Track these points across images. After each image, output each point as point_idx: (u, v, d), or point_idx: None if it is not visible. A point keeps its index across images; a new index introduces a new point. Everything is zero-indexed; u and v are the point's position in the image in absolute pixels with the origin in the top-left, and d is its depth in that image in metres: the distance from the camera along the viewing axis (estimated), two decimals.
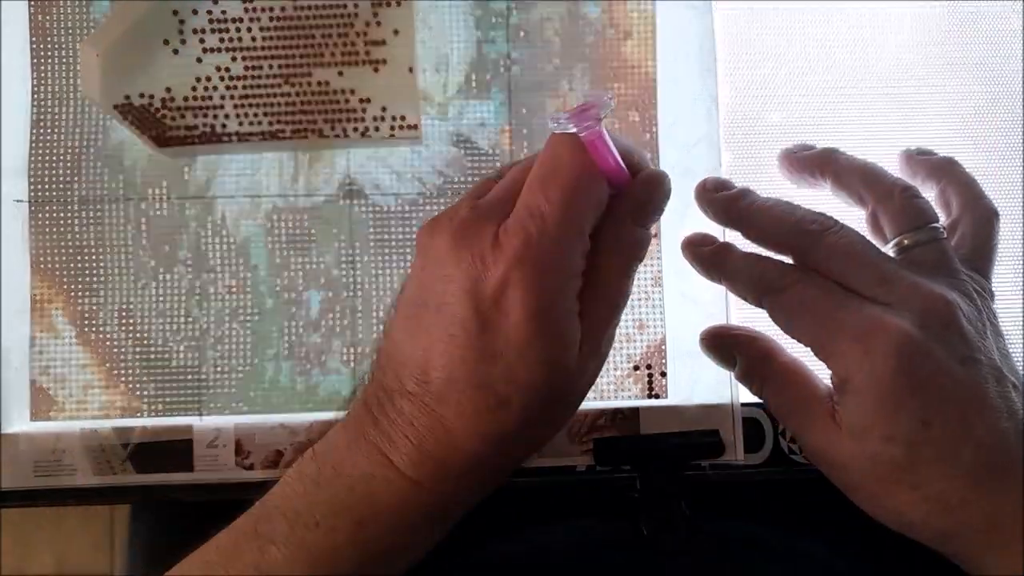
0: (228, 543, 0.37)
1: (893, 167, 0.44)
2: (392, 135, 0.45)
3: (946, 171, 0.44)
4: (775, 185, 0.46)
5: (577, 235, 0.35)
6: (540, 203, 0.34)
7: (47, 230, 0.45)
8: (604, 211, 0.36)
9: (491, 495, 0.47)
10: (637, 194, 0.37)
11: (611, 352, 0.45)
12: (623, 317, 0.45)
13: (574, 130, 0.35)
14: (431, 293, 0.35)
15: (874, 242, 0.40)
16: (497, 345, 0.34)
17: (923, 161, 0.45)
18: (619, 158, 0.36)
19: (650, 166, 0.38)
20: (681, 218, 0.46)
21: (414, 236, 0.46)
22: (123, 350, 0.45)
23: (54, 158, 0.46)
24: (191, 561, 0.37)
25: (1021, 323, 0.47)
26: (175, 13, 0.45)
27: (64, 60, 0.46)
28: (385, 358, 0.36)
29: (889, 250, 0.40)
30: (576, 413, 0.45)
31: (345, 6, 0.45)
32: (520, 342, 0.33)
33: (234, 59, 0.45)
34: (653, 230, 0.45)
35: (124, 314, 0.46)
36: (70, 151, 0.46)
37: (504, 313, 0.33)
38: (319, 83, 0.45)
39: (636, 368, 0.46)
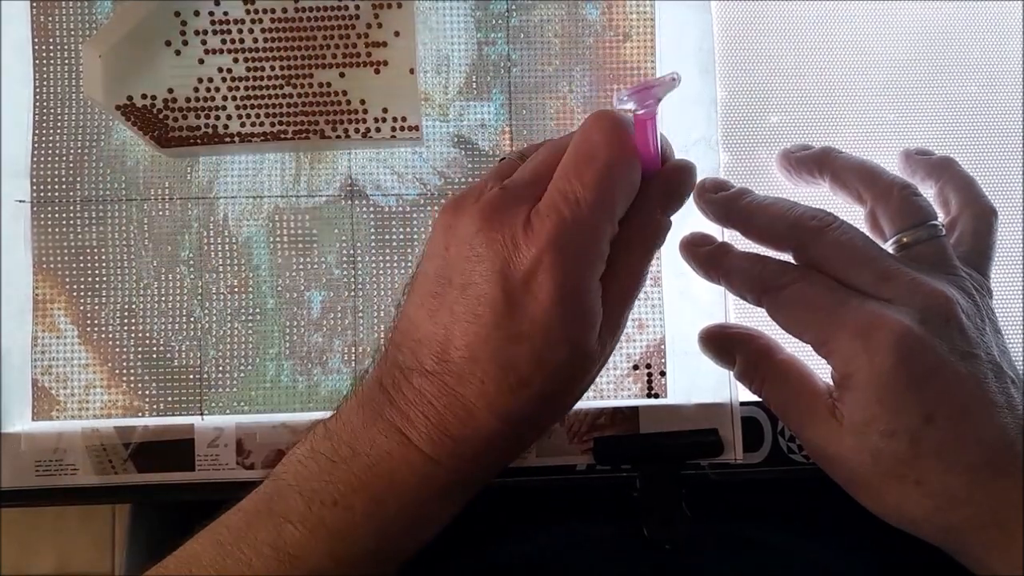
0: (240, 522, 0.37)
1: (892, 167, 0.45)
2: (393, 136, 0.46)
3: (945, 170, 0.44)
4: (773, 186, 0.47)
5: (610, 221, 0.35)
6: (575, 188, 0.34)
7: (49, 230, 0.46)
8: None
9: (490, 496, 0.47)
10: (667, 182, 0.37)
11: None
12: None
13: (632, 106, 0.35)
14: (456, 272, 0.35)
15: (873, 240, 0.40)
16: (524, 327, 0.34)
17: (922, 160, 0.45)
18: (657, 144, 0.36)
19: (679, 157, 0.38)
20: (680, 219, 0.46)
21: (415, 237, 0.46)
22: (125, 350, 0.46)
23: (56, 159, 0.46)
24: (201, 540, 0.37)
25: (1020, 321, 0.48)
26: (177, 14, 0.45)
27: (66, 61, 0.46)
28: (400, 336, 0.36)
29: (888, 248, 0.41)
30: (575, 410, 0.45)
31: (346, 8, 0.45)
32: (548, 324, 0.34)
33: (236, 60, 0.45)
34: None
35: (126, 314, 0.46)
36: (72, 152, 0.46)
37: (533, 295, 0.34)
38: (320, 84, 0.45)
39: (636, 367, 0.47)
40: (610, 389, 0.46)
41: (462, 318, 0.34)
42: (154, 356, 0.46)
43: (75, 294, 0.46)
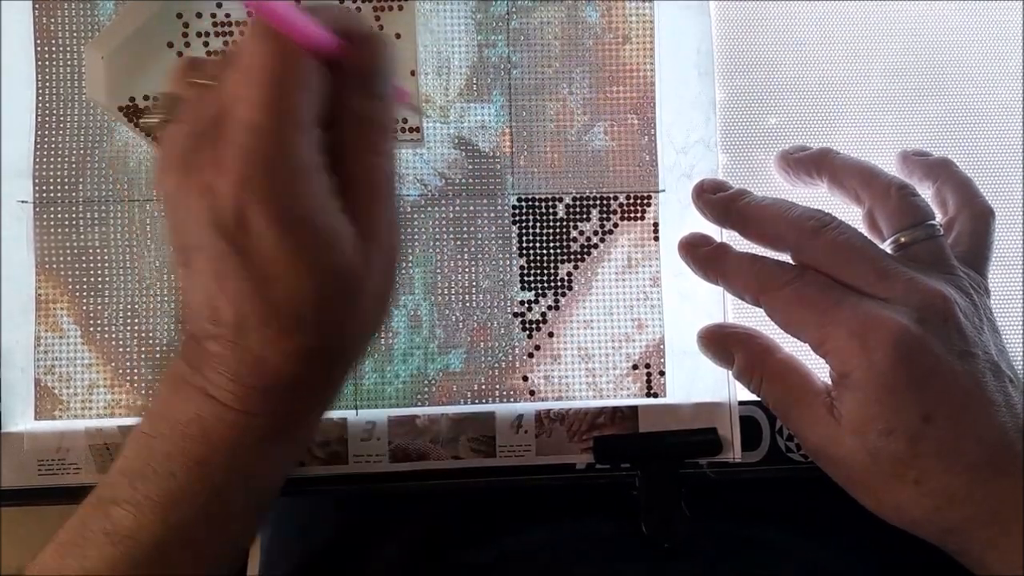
0: (75, 520, 0.36)
1: (890, 169, 0.45)
2: (394, 137, 0.46)
3: (942, 171, 0.45)
4: (772, 187, 0.47)
5: (296, 129, 0.32)
6: (244, 110, 0.31)
7: (52, 230, 0.46)
8: (331, 90, 0.34)
9: (490, 495, 0.47)
10: (354, 62, 0.34)
11: (610, 351, 0.46)
12: (622, 317, 0.46)
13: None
14: (186, 236, 0.33)
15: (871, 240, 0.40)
16: (266, 268, 0.32)
17: (919, 161, 0.46)
18: (318, 27, 0.33)
19: (365, 29, 0.35)
20: (679, 219, 0.47)
21: (416, 238, 0.47)
22: (128, 349, 0.46)
23: (59, 159, 0.46)
24: (47, 549, 0.37)
25: (1020, 322, 0.48)
26: (179, 16, 0.45)
27: (69, 62, 0.46)
28: (183, 308, 0.36)
29: (887, 248, 0.41)
30: (575, 410, 0.45)
31: (347, 10, 0.46)
32: (284, 258, 0.32)
33: None
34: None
35: (129, 314, 0.46)
36: (75, 153, 0.46)
37: (254, 235, 0.32)
38: None
39: (635, 367, 0.47)
40: (609, 389, 0.47)
41: (211, 278, 0.33)
42: (157, 356, 0.46)
43: (78, 294, 0.46)
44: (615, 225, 0.47)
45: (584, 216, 0.47)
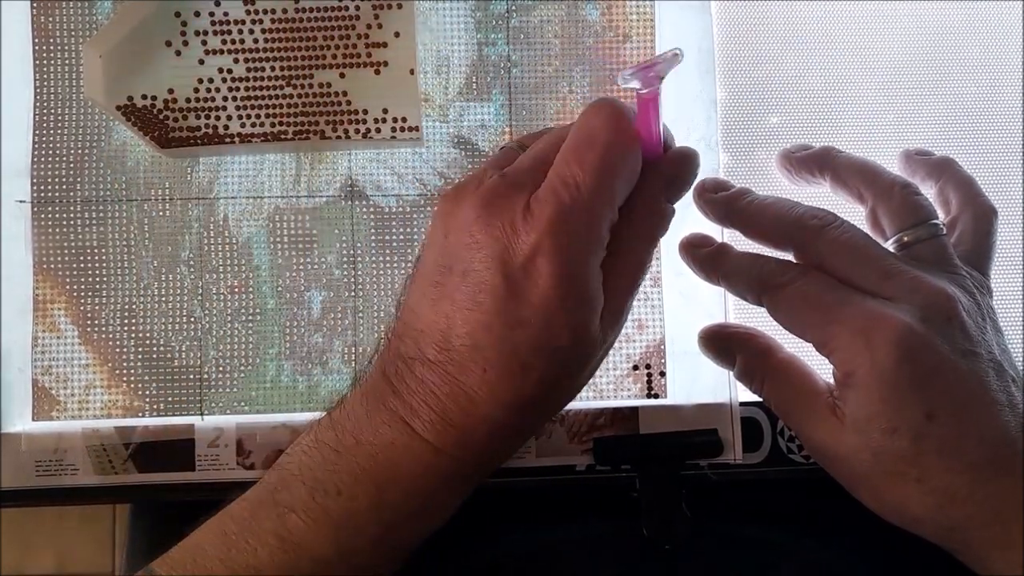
0: (244, 513, 0.37)
1: (892, 168, 0.45)
2: (393, 137, 0.46)
3: (945, 170, 0.45)
4: (773, 186, 0.47)
5: (609, 206, 0.35)
6: (575, 172, 0.34)
7: (50, 230, 0.46)
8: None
9: (490, 496, 0.47)
10: (670, 169, 0.37)
11: (610, 352, 0.45)
12: None
13: (637, 85, 0.35)
14: (456, 260, 0.35)
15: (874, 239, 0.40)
16: (523, 312, 0.34)
17: (922, 160, 0.45)
18: (661, 129, 0.36)
19: (683, 146, 0.39)
20: (680, 219, 0.46)
21: (415, 237, 0.46)
22: (125, 350, 0.46)
23: (57, 159, 0.46)
24: (205, 531, 0.37)
25: (1021, 321, 0.48)
26: (177, 15, 0.45)
27: (67, 61, 0.46)
28: (403, 326, 0.36)
29: (889, 247, 0.41)
30: (575, 411, 0.45)
31: (346, 8, 0.45)
32: (547, 309, 0.34)
33: (236, 61, 0.45)
34: None
35: (126, 314, 0.46)
36: (73, 152, 0.46)
37: (533, 281, 0.34)
38: (320, 85, 0.45)
39: (635, 368, 0.46)
40: (610, 389, 0.46)
41: (463, 306, 0.34)
42: (154, 356, 0.46)
43: (75, 294, 0.46)
44: None
45: None
